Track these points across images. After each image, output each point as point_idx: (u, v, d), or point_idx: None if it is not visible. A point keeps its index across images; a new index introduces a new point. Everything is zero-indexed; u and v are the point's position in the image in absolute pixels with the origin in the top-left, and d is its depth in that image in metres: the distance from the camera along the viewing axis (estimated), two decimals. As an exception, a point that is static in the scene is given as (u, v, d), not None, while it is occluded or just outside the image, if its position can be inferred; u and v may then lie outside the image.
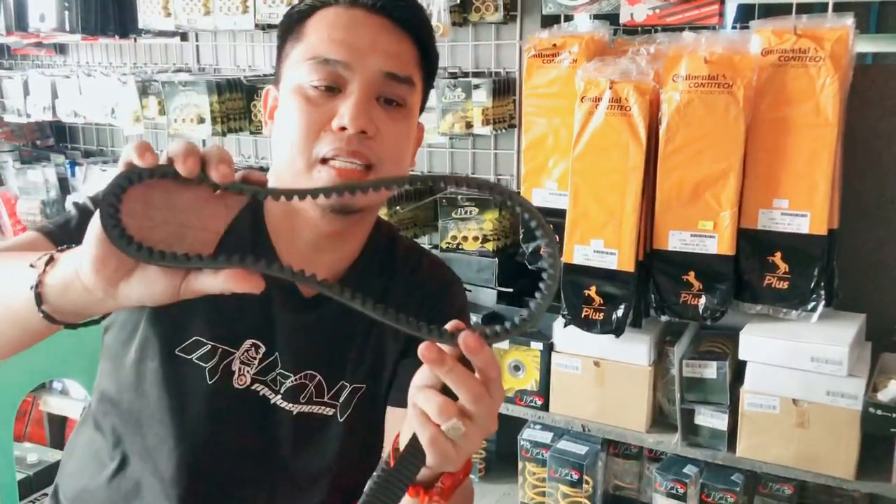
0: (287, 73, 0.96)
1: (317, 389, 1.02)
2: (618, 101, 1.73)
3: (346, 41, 0.92)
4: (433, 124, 2.15)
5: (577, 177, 1.80)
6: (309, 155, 0.90)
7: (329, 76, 0.91)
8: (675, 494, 1.85)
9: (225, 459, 1.01)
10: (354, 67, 0.91)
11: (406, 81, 0.94)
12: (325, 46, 0.92)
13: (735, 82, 1.65)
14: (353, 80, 0.91)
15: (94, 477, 1.02)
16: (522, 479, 2.09)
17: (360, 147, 0.90)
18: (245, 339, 0.98)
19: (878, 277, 1.87)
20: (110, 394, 1.02)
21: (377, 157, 0.91)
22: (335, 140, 0.90)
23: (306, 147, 0.90)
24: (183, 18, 2.45)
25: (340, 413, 1.04)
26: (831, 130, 1.63)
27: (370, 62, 0.91)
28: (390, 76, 0.93)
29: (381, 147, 0.92)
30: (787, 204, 1.68)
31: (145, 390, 0.99)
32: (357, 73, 0.91)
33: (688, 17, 1.86)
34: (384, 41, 0.93)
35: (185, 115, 2.39)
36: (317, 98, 0.91)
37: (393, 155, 0.94)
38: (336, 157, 0.90)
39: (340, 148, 0.89)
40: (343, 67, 0.91)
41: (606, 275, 1.80)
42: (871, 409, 1.58)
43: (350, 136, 0.89)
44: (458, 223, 2.13)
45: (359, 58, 0.91)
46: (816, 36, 1.63)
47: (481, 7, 2.14)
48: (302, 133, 0.91)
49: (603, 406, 1.91)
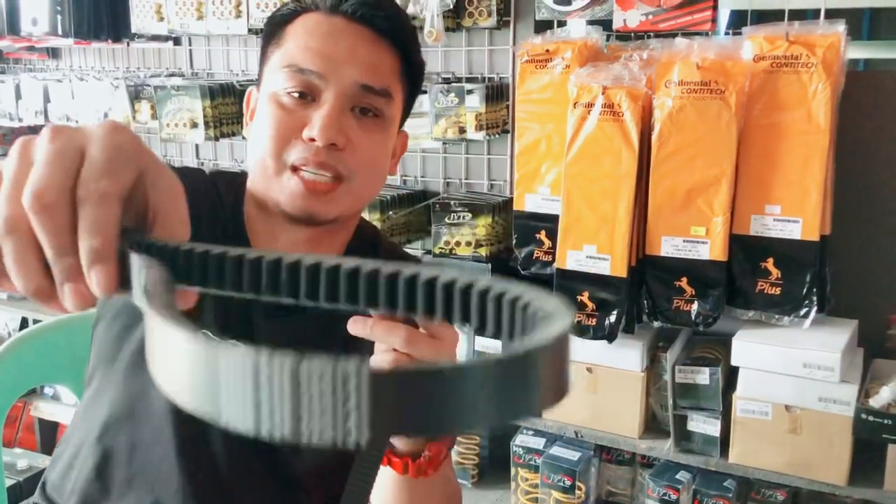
0: (266, 77, 0.95)
1: None
2: (610, 107, 1.74)
3: (322, 51, 0.91)
4: (426, 129, 2.15)
5: (570, 182, 1.80)
6: (279, 160, 0.90)
7: (303, 85, 0.90)
8: (667, 501, 1.85)
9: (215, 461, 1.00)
10: (329, 78, 0.90)
11: (382, 94, 0.93)
12: (301, 55, 0.91)
13: (727, 88, 1.65)
14: (326, 89, 0.90)
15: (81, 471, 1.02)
16: (515, 486, 2.09)
17: (329, 159, 0.89)
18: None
19: (870, 283, 1.87)
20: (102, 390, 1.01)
21: (348, 169, 0.90)
22: (304, 149, 0.89)
23: (277, 153, 0.90)
24: (176, 23, 2.45)
25: None
26: (823, 137, 1.63)
27: (345, 73, 0.90)
28: (366, 88, 0.91)
29: (353, 158, 0.91)
30: (780, 210, 1.69)
31: (139, 384, 0.98)
32: (331, 84, 0.90)
33: (680, 23, 1.87)
34: (362, 51, 0.92)
35: (178, 120, 2.38)
36: (290, 105, 0.91)
37: (366, 166, 0.92)
38: (304, 166, 0.89)
39: (308, 158, 0.89)
40: (317, 77, 0.90)
41: (599, 280, 1.80)
42: (863, 415, 1.59)
43: (319, 147, 0.89)
44: (451, 228, 2.12)
45: (334, 68, 0.90)
46: (808, 42, 1.63)
47: (475, 12, 2.14)
48: (274, 138, 0.90)
49: (595, 412, 1.91)
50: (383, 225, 2.19)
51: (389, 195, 2.23)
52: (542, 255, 1.93)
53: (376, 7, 0.94)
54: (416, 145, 2.25)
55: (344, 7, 0.93)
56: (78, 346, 1.19)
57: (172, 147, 2.88)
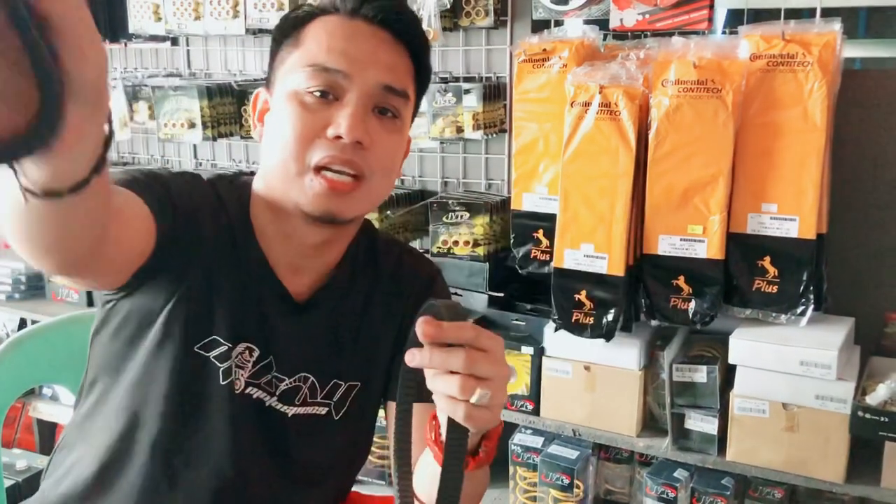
0: (282, 77, 0.96)
1: (310, 390, 1.03)
2: (607, 106, 1.74)
3: (346, 51, 0.92)
4: (424, 129, 2.16)
5: (567, 181, 1.81)
6: (302, 161, 0.91)
7: (327, 84, 0.92)
8: (665, 499, 1.86)
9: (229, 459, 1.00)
10: (353, 78, 0.92)
11: (402, 95, 0.95)
12: (325, 55, 0.92)
13: (724, 87, 1.66)
14: (351, 89, 0.92)
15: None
16: (513, 484, 2.09)
17: (354, 156, 0.91)
18: (239, 342, 0.98)
19: (866, 281, 1.88)
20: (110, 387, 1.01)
21: (369, 169, 0.92)
22: (330, 147, 0.90)
23: (300, 153, 0.91)
24: (174, 23, 2.45)
25: (335, 411, 1.05)
26: (819, 135, 1.64)
27: (369, 74, 0.92)
28: (388, 89, 0.93)
29: (374, 158, 0.93)
30: (776, 208, 1.69)
31: (155, 384, 0.97)
32: (356, 84, 0.92)
33: (677, 22, 1.87)
34: (384, 54, 0.94)
35: (176, 120, 2.39)
36: (313, 105, 0.92)
37: (384, 167, 0.95)
38: (329, 164, 0.90)
39: (335, 156, 0.90)
40: (342, 77, 0.91)
41: (597, 279, 1.80)
42: (860, 412, 1.59)
43: (345, 144, 0.90)
44: (449, 228, 2.13)
45: (359, 69, 0.92)
46: (804, 41, 1.64)
47: (472, 12, 2.14)
48: (296, 138, 0.91)
49: (593, 410, 1.91)
50: (381, 224, 2.19)
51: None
52: (539, 254, 1.94)
53: (395, 12, 0.96)
54: (414, 145, 2.25)
55: (364, 10, 0.95)
56: (76, 346, 1.19)
57: (171, 147, 2.88)
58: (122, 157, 3.03)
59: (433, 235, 2.16)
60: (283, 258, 0.99)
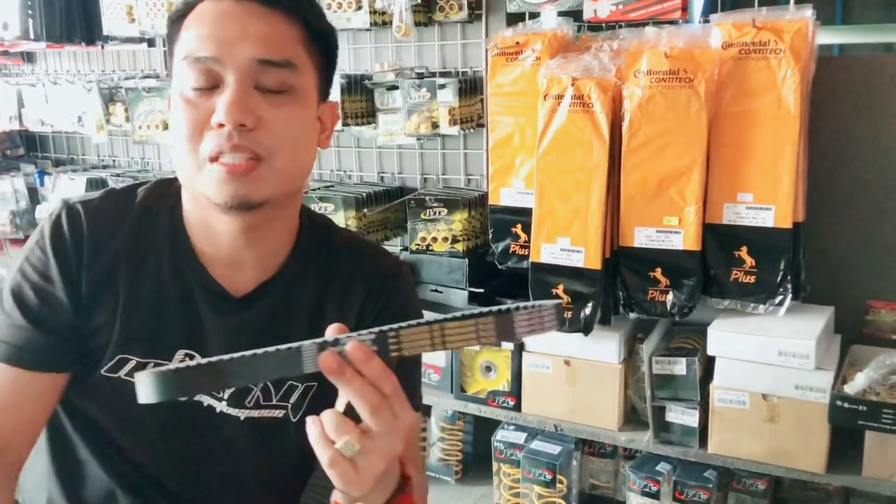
0: (173, 76, 0.94)
1: (263, 393, 1.00)
2: (580, 98, 1.72)
3: (213, 35, 0.89)
4: (399, 126, 2.14)
5: (542, 175, 1.79)
6: (196, 156, 0.89)
7: (203, 74, 0.89)
8: (648, 493, 1.84)
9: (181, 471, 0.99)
10: (225, 60, 0.88)
11: (284, 65, 0.91)
12: (195, 44, 0.90)
13: (696, 76, 1.64)
14: (226, 73, 0.89)
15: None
16: (498, 481, 2.08)
17: (242, 140, 0.87)
18: (177, 349, 0.96)
19: (846, 269, 1.86)
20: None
21: (265, 148, 0.89)
22: (217, 136, 0.88)
23: (192, 148, 0.89)
24: (147, 24, 2.43)
25: (293, 413, 1.02)
26: (794, 122, 1.62)
27: (240, 52, 0.89)
28: (264, 62, 0.89)
29: (268, 136, 0.89)
30: (752, 198, 1.67)
31: (95, 405, 0.97)
32: (228, 66, 0.88)
33: (651, 11, 1.85)
34: (254, 27, 0.90)
35: (150, 122, 2.37)
36: (195, 98, 0.90)
37: (284, 143, 0.91)
38: (220, 154, 0.88)
39: (222, 144, 0.87)
40: (214, 62, 0.89)
41: (573, 273, 1.78)
42: (838, 401, 1.58)
43: (229, 131, 0.87)
44: (427, 224, 2.11)
45: (227, 49, 0.89)
46: (776, 28, 1.62)
47: (445, 6, 2.12)
48: (186, 135, 0.89)
49: (575, 405, 1.90)
50: (359, 223, 2.17)
51: (365, 192, 2.22)
52: (518, 248, 1.92)
53: None
54: (391, 141, 2.24)
55: None
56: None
57: (150, 149, 2.86)
58: (102, 160, 3.02)
59: (411, 232, 2.14)
60: (217, 255, 0.97)
